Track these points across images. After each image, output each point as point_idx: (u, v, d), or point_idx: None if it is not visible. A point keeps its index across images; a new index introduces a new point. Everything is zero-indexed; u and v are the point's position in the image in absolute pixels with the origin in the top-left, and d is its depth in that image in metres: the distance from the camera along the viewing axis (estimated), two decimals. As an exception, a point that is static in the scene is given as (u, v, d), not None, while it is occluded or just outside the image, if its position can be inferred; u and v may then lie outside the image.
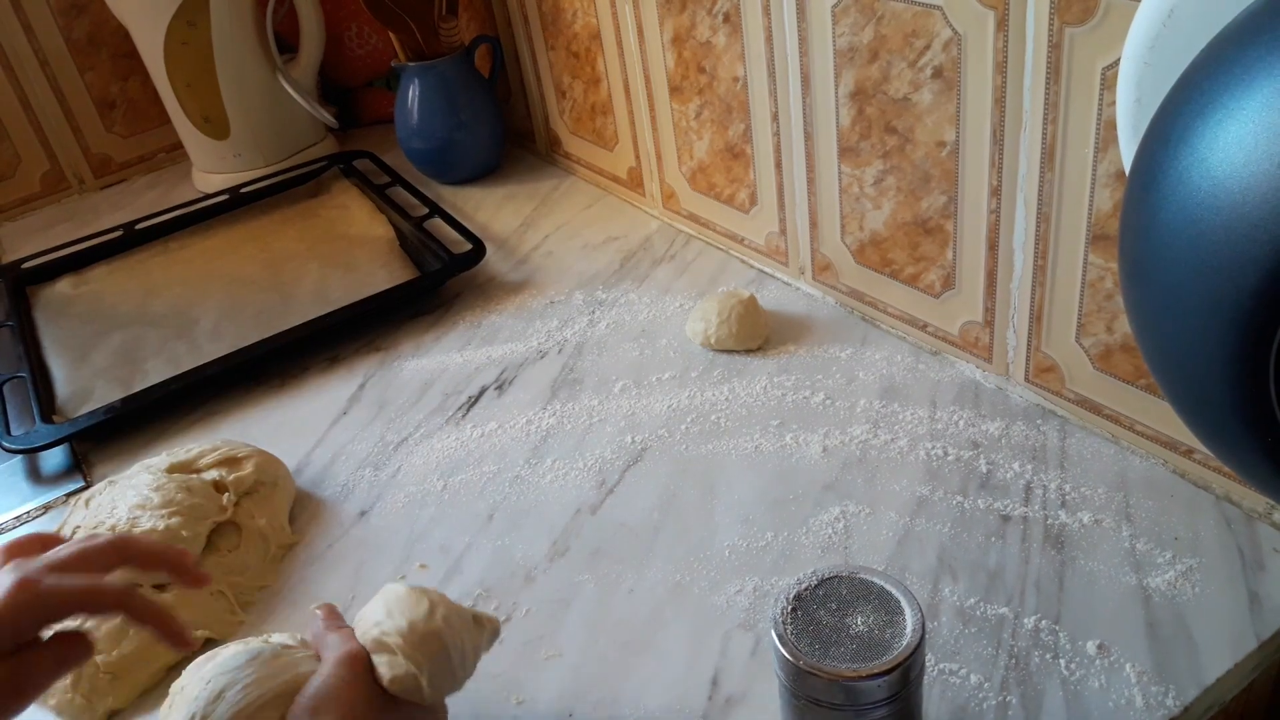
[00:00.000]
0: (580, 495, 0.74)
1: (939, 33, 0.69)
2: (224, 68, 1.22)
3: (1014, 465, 0.71)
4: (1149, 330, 0.43)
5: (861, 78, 0.76)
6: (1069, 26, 0.61)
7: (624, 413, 0.81)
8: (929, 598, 0.62)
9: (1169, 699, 0.55)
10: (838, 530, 0.68)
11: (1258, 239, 0.35)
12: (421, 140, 1.19)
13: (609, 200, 1.15)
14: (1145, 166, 0.41)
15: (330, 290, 1.01)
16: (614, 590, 0.66)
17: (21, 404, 0.90)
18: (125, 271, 1.11)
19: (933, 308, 0.81)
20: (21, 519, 0.80)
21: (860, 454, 0.74)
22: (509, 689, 0.61)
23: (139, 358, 0.95)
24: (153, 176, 1.38)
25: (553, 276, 1.02)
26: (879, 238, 0.82)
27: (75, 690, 0.62)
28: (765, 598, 0.64)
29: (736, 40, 0.86)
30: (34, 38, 1.26)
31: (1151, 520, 0.65)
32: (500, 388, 0.87)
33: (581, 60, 1.09)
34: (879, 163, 0.79)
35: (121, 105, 1.35)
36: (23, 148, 1.31)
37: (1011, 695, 0.56)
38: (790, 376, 0.82)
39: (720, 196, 0.98)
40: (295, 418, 0.86)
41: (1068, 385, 0.73)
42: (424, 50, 1.14)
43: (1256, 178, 0.35)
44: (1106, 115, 0.61)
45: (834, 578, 0.50)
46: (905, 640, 0.47)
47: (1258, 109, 0.35)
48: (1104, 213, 0.64)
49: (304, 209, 1.19)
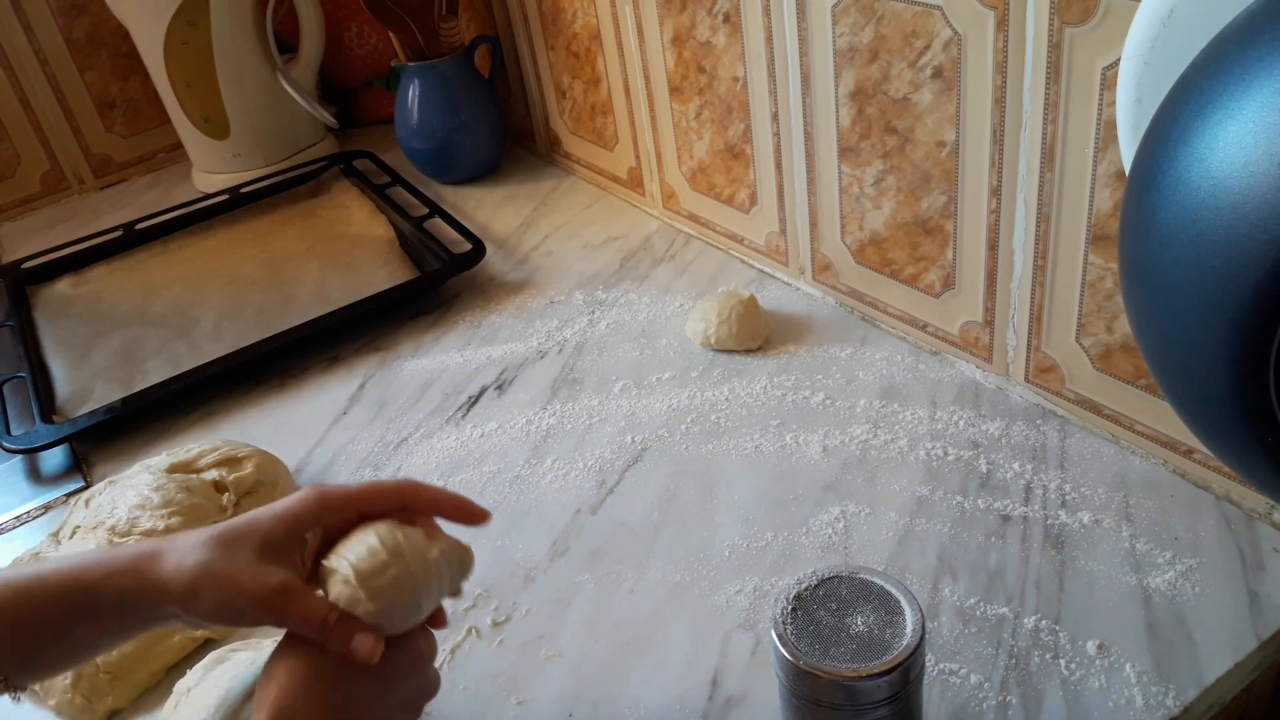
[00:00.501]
0: (580, 495, 0.74)
1: (939, 33, 0.69)
2: (224, 68, 1.22)
3: (1014, 465, 0.71)
4: (1149, 330, 0.43)
5: (861, 78, 0.76)
6: (1069, 26, 0.61)
7: (624, 413, 0.81)
8: (929, 598, 0.62)
9: (1169, 699, 0.55)
10: (838, 530, 0.68)
11: (1258, 239, 0.35)
12: (421, 140, 1.19)
13: (609, 200, 1.15)
14: (1145, 166, 0.41)
15: (330, 290, 1.01)
16: (614, 590, 0.66)
17: (21, 404, 0.90)
18: (125, 271, 1.11)
19: (933, 308, 0.81)
20: (21, 519, 0.80)
21: (860, 454, 0.74)
22: (509, 689, 0.61)
23: (139, 358, 0.95)
24: (153, 176, 1.38)
25: (553, 276, 1.02)
26: (879, 238, 0.82)
27: (75, 690, 0.62)
28: (765, 598, 0.64)
29: (736, 40, 0.86)
30: (34, 38, 1.26)
31: (1151, 520, 0.65)
32: (500, 388, 0.87)
33: (581, 60, 1.08)
34: (879, 163, 0.79)
35: (121, 105, 1.35)
36: (23, 148, 1.31)
37: (1011, 695, 0.56)
38: (790, 376, 0.82)
39: (720, 196, 0.98)
40: (295, 418, 0.86)
41: (1068, 385, 0.73)
42: (424, 50, 1.14)
43: (1256, 178, 0.35)
44: (1106, 115, 0.61)
45: (834, 578, 0.50)
46: (905, 640, 0.47)
47: (1258, 109, 0.35)
48: (1104, 213, 0.64)
49: (304, 209, 1.19)
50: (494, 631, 0.65)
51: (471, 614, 0.66)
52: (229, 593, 0.46)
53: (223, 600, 0.46)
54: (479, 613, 0.66)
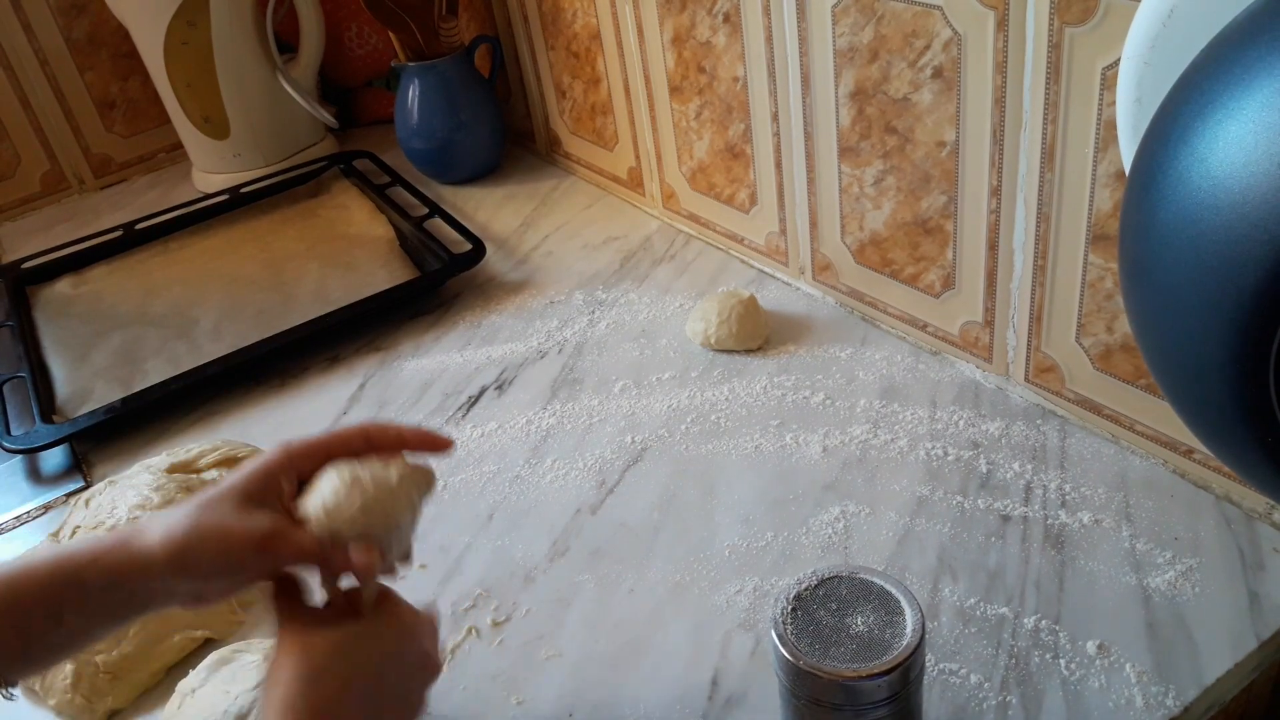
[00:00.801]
0: (580, 495, 0.74)
1: (939, 33, 0.69)
2: (224, 68, 1.22)
3: (1014, 465, 0.71)
4: (1149, 330, 0.43)
5: (861, 78, 0.76)
6: (1069, 26, 0.61)
7: (624, 413, 0.81)
8: (929, 598, 0.62)
9: (1169, 699, 0.55)
10: (838, 530, 0.68)
11: (1258, 239, 0.35)
12: (421, 140, 1.19)
13: (609, 200, 1.15)
14: (1145, 166, 0.41)
15: (330, 290, 1.02)
16: (614, 590, 0.66)
17: (21, 404, 0.90)
18: (125, 271, 1.11)
19: (933, 308, 0.81)
20: (21, 519, 0.80)
21: (860, 454, 0.74)
22: (509, 689, 0.61)
23: (139, 358, 0.95)
24: (153, 176, 1.38)
25: (553, 276, 1.02)
26: (879, 238, 0.82)
27: (75, 690, 0.62)
28: (765, 598, 0.64)
29: (736, 40, 0.86)
30: (34, 37, 1.26)
31: (1151, 520, 0.65)
32: (500, 388, 0.87)
33: (581, 60, 1.08)
34: (879, 163, 0.79)
35: (121, 105, 1.35)
36: (23, 148, 1.31)
37: (1011, 695, 0.56)
38: (790, 376, 0.82)
39: (720, 196, 0.98)
40: (295, 418, 0.86)
41: (1068, 385, 0.73)
42: (424, 50, 1.14)
43: (1256, 178, 0.35)
44: (1106, 115, 0.61)
45: (834, 578, 0.50)
46: (905, 640, 0.47)
47: (1258, 109, 0.35)
48: (1104, 213, 0.64)
49: (304, 209, 1.19)
50: (494, 631, 0.65)
51: (471, 614, 0.66)
52: (222, 545, 0.47)
53: (217, 554, 0.46)
54: (479, 613, 0.66)
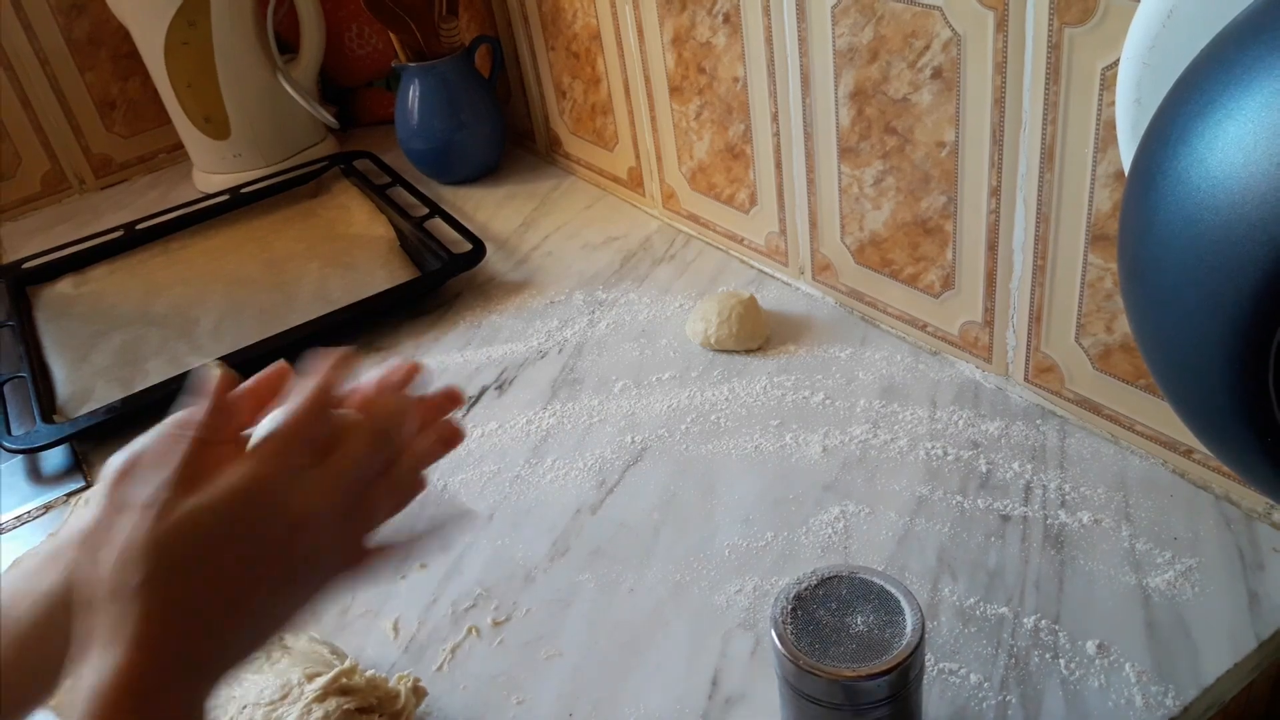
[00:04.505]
0: (580, 495, 0.74)
1: (939, 33, 0.69)
2: (224, 68, 1.22)
3: (1014, 465, 0.71)
4: (1149, 330, 0.43)
5: (861, 78, 0.76)
6: (1069, 27, 0.61)
7: (624, 413, 0.81)
8: (929, 598, 0.62)
9: (1169, 699, 0.55)
10: (838, 530, 0.68)
11: (1257, 239, 0.35)
12: (422, 140, 1.19)
13: (609, 200, 1.15)
14: (1145, 166, 0.41)
15: (330, 290, 1.01)
16: (614, 590, 0.66)
17: (22, 404, 0.90)
18: (126, 272, 1.11)
19: (932, 308, 0.81)
20: (22, 519, 0.80)
21: (860, 454, 0.74)
22: (509, 689, 0.61)
23: (139, 358, 0.95)
24: (153, 177, 1.38)
25: (553, 276, 1.02)
26: (879, 238, 0.83)
27: (75, 690, 0.62)
28: (765, 598, 0.64)
29: (736, 40, 0.86)
30: (34, 37, 1.26)
31: (1151, 520, 0.65)
32: (500, 388, 0.87)
33: (581, 60, 1.09)
34: (879, 163, 0.79)
35: (122, 105, 1.35)
36: (23, 148, 1.31)
37: (1011, 695, 0.56)
38: (790, 376, 0.82)
39: (720, 196, 0.98)
40: (295, 418, 0.86)
41: (1067, 385, 0.73)
42: (424, 50, 1.15)
43: (1256, 178, 0.35)
44: (1106, 115, 0.61)
45: (834, 578, 0.50)
46: (905, 640, 0.47)
47: (1258, 109, 0.35)
48: (1104, 213, 0.64)
49: (304, 209, 1.19)
50: (494, 631, 0.65)
51: (471, 614, 0.66)
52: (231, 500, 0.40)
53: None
54: (479, 613, 0.66)
